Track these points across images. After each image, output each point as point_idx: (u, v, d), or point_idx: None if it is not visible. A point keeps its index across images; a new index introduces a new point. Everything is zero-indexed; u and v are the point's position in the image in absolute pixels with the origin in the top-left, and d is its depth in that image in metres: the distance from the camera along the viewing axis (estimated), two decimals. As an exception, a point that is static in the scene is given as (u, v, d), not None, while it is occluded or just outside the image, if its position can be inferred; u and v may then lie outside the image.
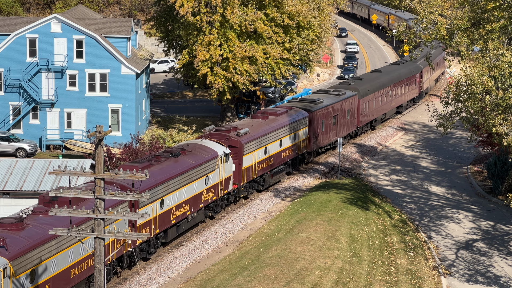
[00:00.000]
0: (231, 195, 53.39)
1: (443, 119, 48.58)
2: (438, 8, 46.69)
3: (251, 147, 54.40)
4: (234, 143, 53.03)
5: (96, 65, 70.04)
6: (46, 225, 34.59)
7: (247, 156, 53.98)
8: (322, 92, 72.82)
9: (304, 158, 64.61)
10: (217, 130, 54.79)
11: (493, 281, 42.94)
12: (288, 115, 61.27)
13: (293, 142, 61.06)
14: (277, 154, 58.49)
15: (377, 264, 43.00)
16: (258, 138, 55.52)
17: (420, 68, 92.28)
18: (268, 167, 57.40)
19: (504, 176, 58.20)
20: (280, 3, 71.80)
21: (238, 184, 53.50)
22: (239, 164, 53.22)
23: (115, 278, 41.33)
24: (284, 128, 59.29)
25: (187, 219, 47.44)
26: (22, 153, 67.04)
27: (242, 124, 57.03)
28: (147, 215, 29.03)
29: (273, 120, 59.29)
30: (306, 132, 63.34)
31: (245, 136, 54.22)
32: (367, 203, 53.84)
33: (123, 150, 57.40)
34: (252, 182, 56.17)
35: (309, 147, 64.31)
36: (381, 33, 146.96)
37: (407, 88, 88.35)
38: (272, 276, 38.20)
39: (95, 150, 28.00)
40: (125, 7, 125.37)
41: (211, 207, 50.83)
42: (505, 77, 42.45)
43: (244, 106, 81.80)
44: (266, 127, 57.44)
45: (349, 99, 71.40)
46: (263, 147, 56.20)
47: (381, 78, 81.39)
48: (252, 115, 61.08)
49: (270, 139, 57.24)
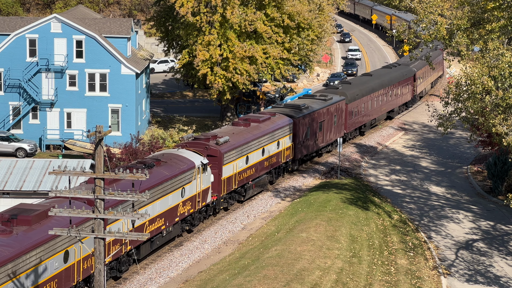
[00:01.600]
0: (210, 207, 50.62)
1: (443, 119, 48.57)
2: (438, 8, 46.68)
3: (231, 156, 51.87)
4: (213, 152, 50.55)
5: (96, 65, 70.05)
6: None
7: (227, 166, 51.42)
8: (308, 97, 69.91)
9: (288, 167, 62.06)
10: (196, 139, 52.03)
11: (493, 281, 42.95)
12: (271, 122, 58.82)
13: (277, 150, 58.62)
14: (259, 163, 56.04)
15: (377, 264, 43.01)
16: (239, 146, 53.02)
17: (413, 71, 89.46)
18: (250, 177, 54.79)
19: (504, 176, 58.20)
20: (280, 3, 71.82)
21: (217, 195, 50.75)
22: (218, 174, 50.56)
23: (110, 281, 41.34)
24: (267, 135, 56.85)
25: (162, 234, 44.71)
26: (22, 153, 67.05)
27: (222, 132, 54.44)
28: (147, 215, 28.79)
29: (255, 127, 56.78)
30: (291, 140, 60.87)
31: (225, 145, 51.67)
32: (367, 203, 53.85)
33: (123, 150, 57.43)
34: (232, 193, 53.39)
35: (294, 155, 61.84)
36: (381, 33, 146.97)
37: (399, 92, 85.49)
38: (272, 276, 38.21)
39: (95, 150, 28.00)
40: (125, 7, 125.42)
41: (188, 221, 48.12)
42: (505, 77, 42.46)
43: (244, 106, 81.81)
44: (247, 135, 54.96)
45: (336, 104, 68.80)
46: (245, 156, 53.70)
47: (370, 82, 78.76)
48: (234, 121, 58.29)
49: (252, 148, 54.80)
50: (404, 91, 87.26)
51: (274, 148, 58.14)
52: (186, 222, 47.91)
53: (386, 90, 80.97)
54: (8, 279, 31.74)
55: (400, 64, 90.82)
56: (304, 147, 63.11)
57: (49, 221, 35.24)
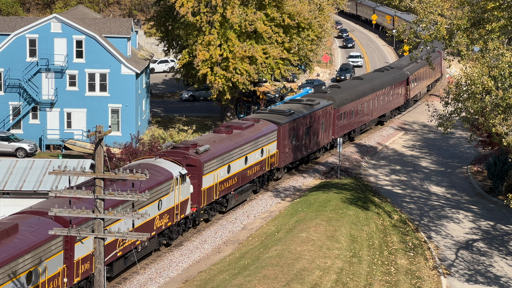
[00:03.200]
0: (189, 219, 48.26)
1: (443, 119, 48.59)
2: (438, 8, 46.69)
3: (212, 165, 49.56)
4: (193, 161, 48.22)
5: (96, 65, 70.06)
6: None
7: (207, 176, 49.07)
8: (294, 101, 67.28)
9: (273, 175, 59.78)
10: (174, 148, 49.62)
11: (493, 281, 42.96)
12: (254, 129, 56.58)
13: (261, 158, 56.29)
14: (242, 172, 53.69)
15: (377, 264, 43.02)
16: (221, 155, 50.74)
17: (406, 75, 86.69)
18: (232, 187, 52.46)
19: (504, 176, 58.22)
20: (280, 3, 71.83)
21: (197, 206, 48.44)
22: (198, 185, 48.23)
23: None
24: (250, 143, 54.55)
25: (137, 249, 42.30)
26: (22, 153, 67.06)
27: (203, 140, 52.22)
28: (147, 215, 28.68)
29: (238, 134, 54.48)
30: (275, 147, 58.57)
31: (206, 154, 49.38)
32: (367, 203, 53.86)
33: (123, 150, 57.46)
34: (213, 204, 51.00)
35: (279, 163, 59.31)
36: (381, 33, 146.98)
37: (391, 97, 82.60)
38: (272, 276, 38.22)
39: (95, 150, 28.01)
40: (125, 7, 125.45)
41: (166, 234, 45.70)
42: (505, 77, 42.47)
43: (244, 106, 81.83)
44: (229, 143, 52.70)
45: (323, 109, 66.34)
46: (226, 165, 51.39)
47: (361, 86, 76.09)
48: (215, 129, 55.92)
49: (234, 156, 52.51)
50: (397, 95, 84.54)
51: (257, 156, 55.92)
52: (163, 236, 45.52)
53: (377, 94, 78.48)
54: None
55: (393, 68, 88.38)
56: (290, 154, 60.85)
57: (11, 240, 33.26)
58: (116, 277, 41.73)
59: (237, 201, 53.71)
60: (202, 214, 49.65)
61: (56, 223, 35.27)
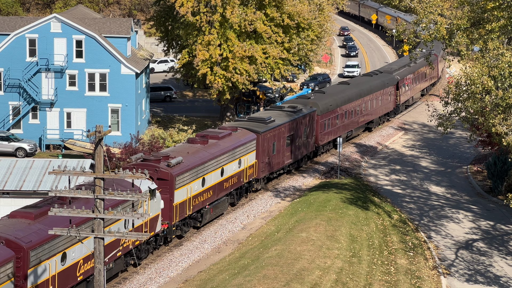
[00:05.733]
0: (160, 236, 45.49)
1: (442, 119, 48.61)
2: (438, 8, 46.70)
3: (185, 179, 46.71)
4: (164, 175, 45.27)
5: (96, 65, 70.04)
6: None
7: (180, 190, 46.23)
8: (275, 108, 64.25)
9: (252, 186, 56.77)
10: (145, 160, 46.50)
11: (493, 281, 42.98)
12: (232, 138, 53.73)
13: (238, 169, 53.49)
14: (217, 185, 50.80)
15: (376, 264, 43.04)
16: (194, 167, 47.79)
17: (395, 79, 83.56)
18: (207, 200, 49.59)
19: (503, 176, 58.25)
20: (280, 3, 71.83)
21: (168, 223, 45.60)
22: (170, 200, 45.36)
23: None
24: (226, 154, 51.78)
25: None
26: (22, 153, 67.06)
27: (176, 151, 49.21)
28: (147, 215, 28.59)
29: (214, 145, 51.68)
30: (254, 157, 55.86)
31: (178, 166, 46.42)
32: (367, 203, 53.87)
33: (123, 150, 57.47)
34: (187, 219, 48.16)
35: (258, 174, 56.59)
36: (381, 33, 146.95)
37: (380, 102, 79.30)
38: (271, 276, 38.23)
39: (94, 150, 28.03)
40: (125, 7, 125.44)
41: (134, 254, 42.91)
42: (505, 77, 42.49)
43: (244, 106, 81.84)
44: (204, 154, 49.82)
45: (306, 116, 63.47)
46: (201, 177, 48.48)
47: (347, 92, 72.93)
48: (190, 139, 52.94)
49: (209, 168, 49.63)
50: (386, 101, 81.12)
51: (235, 167, 53.11)
52: (131, 256, 42.67)
53: (364, 100, 75.27)
54: None
55: (382, 72, 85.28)
56: (269, 165, 58.22)
57: None
58: (115, 277, 41.65)
59: (213, 215, 50.87)
60: (174, 231, 46.76)
61: (6, 248, 33.04)
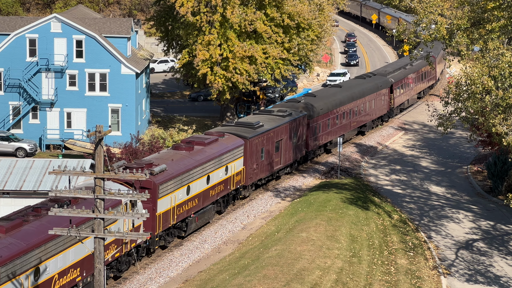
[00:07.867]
0: (141, 247, 44.07)
1: (443, 119, 48.60)
2: (438, 8, 46.70)
3: (168, 187, 45.14)
4: (146, 184, 43.48)
5: (96, 65, 70.06)
6: None
7: (163, 199, 44.66)
8: (264, 113, 62.59)
9: (239, 193, 55.21)
10: (126, 168, 44.33)
11: (493, 281, 42.97)
12: (218, 144, 52.09)
13: (225, 176, 51.86)
14: (203, 193, 49.21)
15: (377, 264, 43.03)
16: (179, 175, 46.14)
17: (390, 82, 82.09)
18: (192, 209, 48.04)
19: (504, 176, 58.24)
20: (280, 3, 71.85)
21: (151, 233, 43.92)
22: (153, 209, 43.79)
23: (110, 280, 41.31)
24: (213, 160, 50.07)
25: (78, 286, 37.85)
26: (22, 153, 67.07)
27: (160, 159, 47.45)
28: (147, 215, 28.62)
29: (199, 151, 49.95)
30: (242, 163, 54.27)
31: (161, 174, 44.78)
32: (367, 203, 53.87)
33: (123, 150, 57.48)
34: (171, 229, 46.63)
35: (245, 181, 54.94)
36: (381, 33, 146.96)
37: (373, 106, 77.74)
38: (272, 276, 38.23)
39: (95, 150, 28.04)
40: (125, 7, 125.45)
41: (114, 266, 41.29)
42: (505, 77, 42.48)
43: (244, 106, 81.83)
44: (189, 161, 48.10)
45: (296, 120, 61.76)
46: (185, 186, 46.89)
47: (338, 95, 71.27)
48: (175, 145, 51.27)
49: (195, 176, 48.00)
50: (379, 104, 79.51)
51: (221, 174, 51.46)
52: (111, 268, 41.16)
53: (356, 103, 73.66)
54: None
55: (376, 74, 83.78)
56: (258, 171, 56.57)
57: None
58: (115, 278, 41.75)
59: (198, 224, 49.29)
60: (157, 241, 45.24)
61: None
